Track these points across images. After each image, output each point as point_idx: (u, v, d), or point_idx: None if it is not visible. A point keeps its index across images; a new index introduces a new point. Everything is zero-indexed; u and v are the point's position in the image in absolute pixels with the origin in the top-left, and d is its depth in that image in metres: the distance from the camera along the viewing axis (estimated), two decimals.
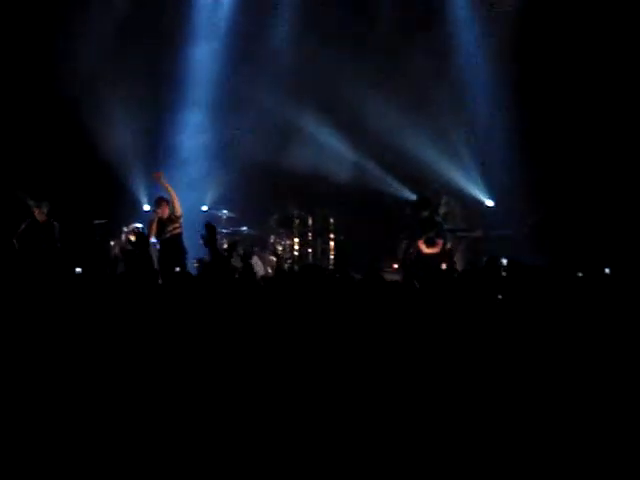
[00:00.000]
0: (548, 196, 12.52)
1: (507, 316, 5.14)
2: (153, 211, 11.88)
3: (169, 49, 14.04)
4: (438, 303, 5.10)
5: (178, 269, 8.82)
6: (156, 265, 10.97)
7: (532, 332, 4.75)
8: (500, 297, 5.96)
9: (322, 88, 13.67)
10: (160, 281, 6.32)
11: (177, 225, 11.61)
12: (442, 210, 11.88)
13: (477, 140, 13.46)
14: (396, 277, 11.40)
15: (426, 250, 11.39)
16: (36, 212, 11.22)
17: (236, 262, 11.07)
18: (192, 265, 11.37)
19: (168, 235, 11.59)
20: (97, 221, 12.65)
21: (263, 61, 14.18)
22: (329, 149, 13.97)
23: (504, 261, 7.43)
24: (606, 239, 11.42)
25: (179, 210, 11.54)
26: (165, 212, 11.65)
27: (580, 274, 7.00)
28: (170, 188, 11.50)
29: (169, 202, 11.66)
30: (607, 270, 7.45)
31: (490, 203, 13.46)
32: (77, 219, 12.59)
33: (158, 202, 11.75)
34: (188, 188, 13.57)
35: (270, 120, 13.98)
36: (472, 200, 13.28)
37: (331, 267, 13.27)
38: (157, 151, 14.03)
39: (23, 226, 11.23)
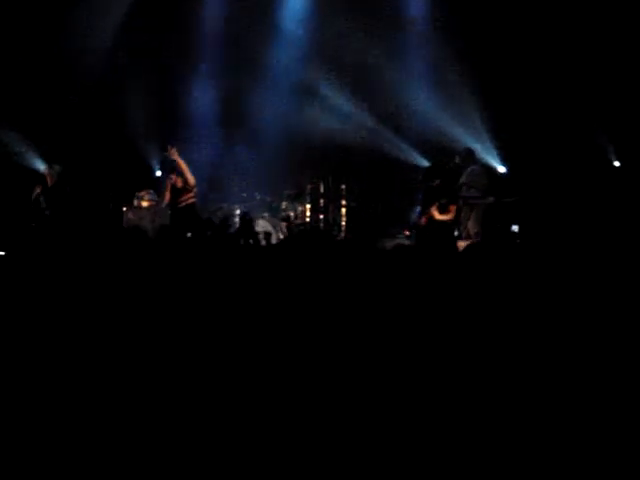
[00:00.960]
0: (561, 161, 12.45)
1: (518, 286, 5.12)
2: (167, 177, 11.90)
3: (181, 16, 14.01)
4: (446, 270, 5.09)
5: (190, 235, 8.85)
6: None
7: (546, 304, 4.74)
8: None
9: (337, 52, 13.61)
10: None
11: (191, 195, 11.55)
12: (463, 179, 11.83)
13: (489, 106, 13.35)
14: (407, 242, 11.41)
15: (439, 216, 11.36)
16: (47, 176, 11.24)
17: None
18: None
19: (183, 204, 11.56)
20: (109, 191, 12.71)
21: (278, 23, 14.14)
22: (343, 114, 13.93)
23: (515, 228, 7.42)
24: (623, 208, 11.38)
25: (192, 181, 11.44)
26: (179, 181, 11.61)
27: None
28: (181, 162, 11.35)
29: (181, 174, 11.60)
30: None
31: (502, 169, 13.38)
32: (90, 185, 12.64)
33: (167, 148, 11.68)
34: (201, 156, 13.62)
35: (284, 84, 13.94)
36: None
37: (342, 233, 13.28)
38: (169, 117, 14.03)
39: (37, 190, 11.24)
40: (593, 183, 12.10)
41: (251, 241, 5.68)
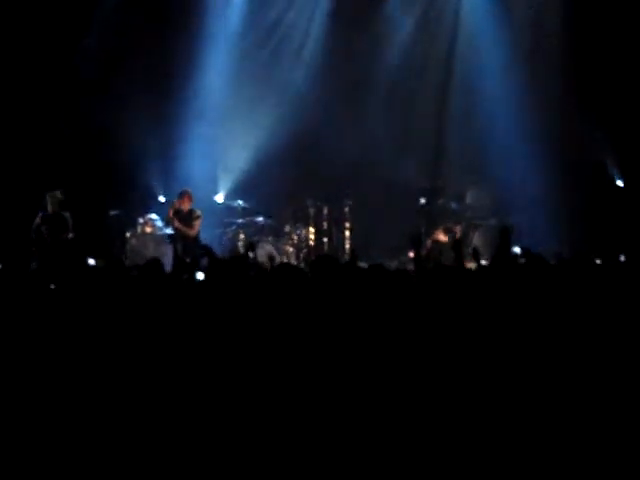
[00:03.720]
0: (564, 182, 12.41)
1: (522, 307, 5.08)
2: (171, 201, 11.91)
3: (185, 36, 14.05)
4: (446, 295, 5.04)
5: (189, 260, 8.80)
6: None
7: (549, 325, 4.69)
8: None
9: (343, 70, 13.64)
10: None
11: (197, 223, 11.54)
12: (468, 200, 11.81)
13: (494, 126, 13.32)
14: (410, 265, 11.35)
15: (443, 238, 11.34)
16: (49, 203, 11.20)
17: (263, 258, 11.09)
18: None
19: (187, 231, 11.51)
20: (112, 212, 12.69)
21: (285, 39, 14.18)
22: (347, 135, 13.89)
23: (517, 250, 7.36)
24: (620, 226, 11.31)
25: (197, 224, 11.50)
26: (186, 206, 11.58)
27: (598, 261, 6.94)
28: (181, 227, 11.44)
29: (192, 196, 11.60)
30: (622, 257, 7.38)
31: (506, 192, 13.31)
32: (93, 210, 12.61)
33: (181, 194, 11.71)
34: (203, 177, 13.60)
35: (288, 103, 13.95)
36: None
37: (346, 257, 13.20)
38: (172, 141, 14.03)
39: (38, 220, 11.21)
40: (596, 202, 12.06)
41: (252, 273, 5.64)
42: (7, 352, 4.16)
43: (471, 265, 10.40)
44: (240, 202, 13.44)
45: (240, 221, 13.26)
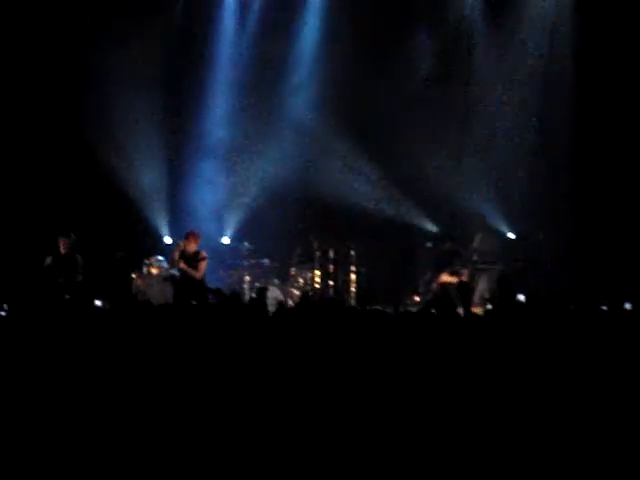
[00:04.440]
0: (568, 226, 12.42)
1: (524, 353, 5.08)
2: (177, 242, 11.92)
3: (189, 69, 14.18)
4: (451, 340, 5.05)
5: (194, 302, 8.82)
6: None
7: (553, 370, 4.70)
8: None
9: (349, 115, 13.70)
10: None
11: (202, 265, 11.51)
12: (476, 244, 11.83)
13: (497, 171, 13.36)
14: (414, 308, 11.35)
15: (449, 279, 11.32)
16: (61, 244, 11.23)
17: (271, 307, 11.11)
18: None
19: (193, 273, 11.50)
20: (118, 253, 12.72)
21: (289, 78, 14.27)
22: (351, 178, 13.92)
23: (521, 297, 7.36)
24: (625, 272, 11.29)
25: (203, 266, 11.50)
26: (191, 247, 11.56)
27: (604, 307, 6.93)
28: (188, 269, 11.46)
29: (198, 237, 11.61)
30: (628, 305, 7.36)
31: (512, 235, 13.34)
32: (99, 251, 12.64)
33: (187, 235, 11.70)
34: (209, 218, 13.64)
35: (294, 141, 14.01)
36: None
37: (352, 300, 13.19)
38: (178, 180, 14.11)
39: (48, 261, 11.23)
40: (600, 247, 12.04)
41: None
42: (19, 395, 4.18)
43: (478, 310, 10.41)
44: (246, 244, 13.43)
45: (246, 263, 13.26)
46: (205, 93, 14.37)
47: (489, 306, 10.28)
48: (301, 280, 13.31)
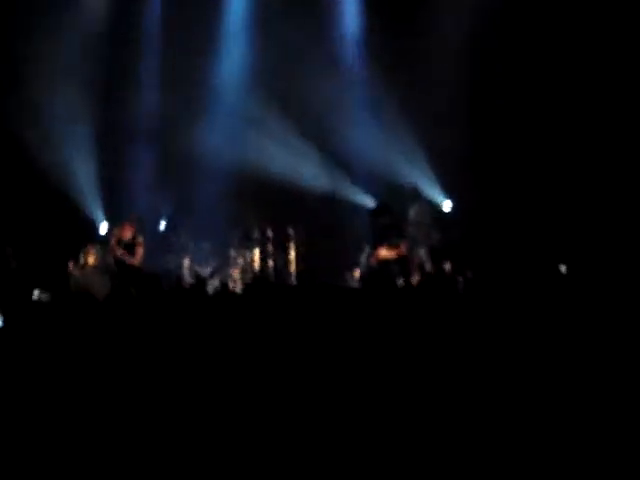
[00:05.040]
0: (505, 193, 12.53)
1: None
2: (112, 230, 11.78)
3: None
4: (390, 313, 5.10)
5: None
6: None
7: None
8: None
9: (282, 89, 13.64)
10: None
11: (139, 251, 11.40)
12: (411, 217, 11.89)
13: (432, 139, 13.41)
14: (354, 284, 11.42)
15: (387, 254, 11.37)
16: None
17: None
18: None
19: (131, 260, 11.40)
20: (8, 249, 12.36)
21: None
22: (286, 155, 13.86)
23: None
24: (562, 235, 11.47)
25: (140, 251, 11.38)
26: (127, 234, 11.43)
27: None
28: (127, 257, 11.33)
29: (134, 223, 11.48)
30: (563, 268, 7.50)
31: (448, 205, 13.43)
32: (32, 244, 12.40)
33: (122, 222, 11.58)
34: (144, 202, 13.49)
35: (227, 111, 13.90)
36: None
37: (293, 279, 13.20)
38: (111, 167, 13.91)
39: None
40: (537, 217, 12.20)
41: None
42: None
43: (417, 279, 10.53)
44: (183, 228, 13.34)
45: (185, 247, 13.16)
46: (134, 77, 14.19)
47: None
48: (241, 262, 13.25)
